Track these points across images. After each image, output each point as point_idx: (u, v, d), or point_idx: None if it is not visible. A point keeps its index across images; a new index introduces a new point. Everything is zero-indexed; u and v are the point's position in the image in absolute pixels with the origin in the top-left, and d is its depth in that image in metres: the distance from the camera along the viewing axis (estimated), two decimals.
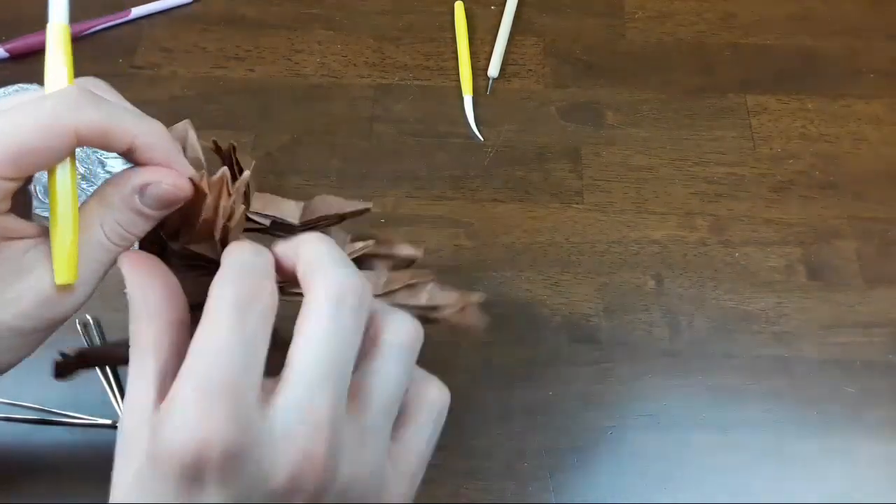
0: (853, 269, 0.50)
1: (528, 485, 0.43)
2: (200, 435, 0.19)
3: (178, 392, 0.20)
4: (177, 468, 0.20)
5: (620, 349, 0.47)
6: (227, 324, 0.21)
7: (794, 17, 0.63)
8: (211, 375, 0.20)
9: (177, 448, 0.19)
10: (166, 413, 0.20)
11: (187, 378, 0.20)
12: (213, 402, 0.20)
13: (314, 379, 0.21)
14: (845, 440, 0.44)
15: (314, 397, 0.21)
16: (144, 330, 0.22)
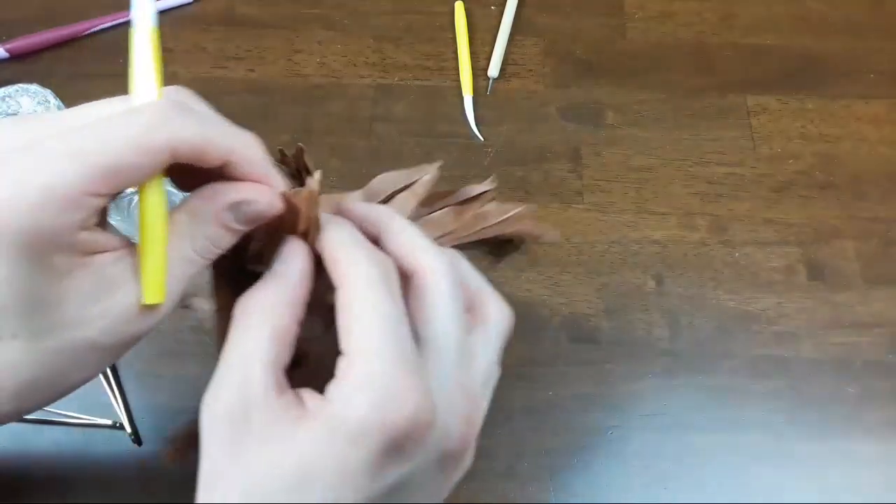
0: (853, 269, 0.50)
1: (528, 485, 0.43)
2: (409, 409, 0.20)
3: (373, 366, 0.21)
4: (383, 441, 0.20)
5: (620, 349, 0.47)
6: (387, 300, 0.22)
7: (794, 17, 0.63)
8: (399, 351, 0.21)
9: (389, 420, 0.20)
10: (363, 386, 0.20)
11: (377, 353, 0.21)
12: (411, 377, 0.21)
13: (454, 350, 0.23)
14: (845, 440, 0.44)
15: (458, 366, 0.23)
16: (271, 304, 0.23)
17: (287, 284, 0.23)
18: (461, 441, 0.23)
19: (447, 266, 0.24)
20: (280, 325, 0.22)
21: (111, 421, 0.44)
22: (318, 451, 0.20)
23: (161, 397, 0.45)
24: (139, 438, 0.44)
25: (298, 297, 0.23)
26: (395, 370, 0.21)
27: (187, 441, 0.29)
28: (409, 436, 0.21)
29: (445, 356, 0.23)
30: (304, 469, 0.20)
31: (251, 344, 0.22)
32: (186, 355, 0.47)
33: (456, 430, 0.23)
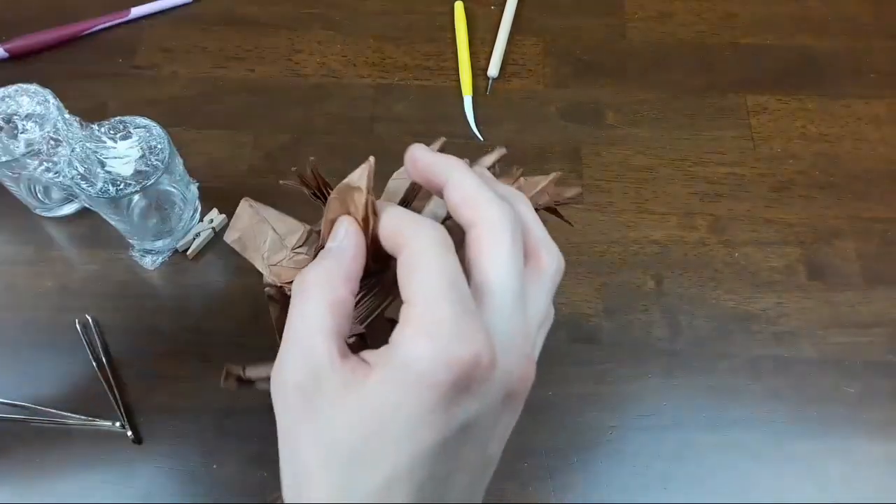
0: (853, 269, 0.50)
1: (528, 485, 0.43)
2: (474, 348, 0.21)
3: (437, 311, 0.22)
4: (452, 379, 0.21)
5: (620, 349, 0.47)
6: (448, 256, 0.23)
7: (794, 17, 0.63)
8: (461, 296, 0.22)
9: (455, 359, 0.21)
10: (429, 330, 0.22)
11: (440, 299, 0.22)
12: (470, 320, 0.22)
13: (511, 295, 0.24)
14: (845, 440, 0.44)
15: (516, 310, 0.24)
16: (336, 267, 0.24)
17: (342, 259, 0.25)
18: (522, 379, 0.24)
19: (507, 218, 0.25)
20: (336, 298, 0.24)
21: (111, 421, 0.44)
22: (391, 396, 0.22)
23: (161, 397, 0.45)
24: (139, 438, 0.44)
25: (353, 271, 0.25)
26: (456, 314, 0.22)
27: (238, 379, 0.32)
28: (474, 375, 0.22)
29: (502, 302, 0.24)
30: (379, 415, 0.22)
31: (311, 316, 0.24)
32: (186, 355, 0.47)
33: (517, 369, 0.24)
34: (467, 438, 0.23)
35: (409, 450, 0.22)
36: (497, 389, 0.23)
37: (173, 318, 0.48)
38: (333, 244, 0.25)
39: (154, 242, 0.49)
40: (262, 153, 0.55)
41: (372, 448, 0.22)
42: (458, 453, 0.23)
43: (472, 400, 0.22)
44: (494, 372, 0.22)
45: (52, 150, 0.46)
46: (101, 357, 0.46)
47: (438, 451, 0.22)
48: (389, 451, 0.22)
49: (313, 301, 0.24)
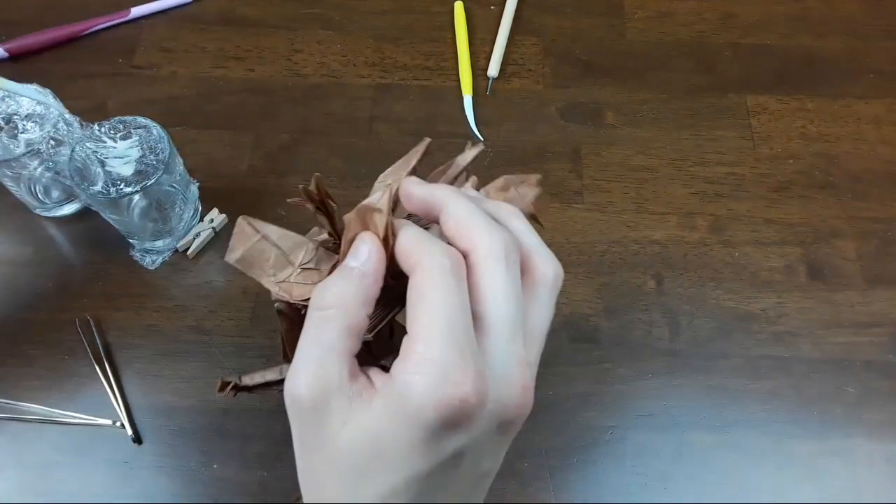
0: (853, 269, 0.50)
1: (528, 485, 0.43)
2: (461, 392, 0.23)
3: (432, 351, 0.23)
4: (439, 420, 0.23)
5: (620, 349, 0.47)
6: (455, 290, 0.24)
7: (794, 17, 0.63)
8: (457, 337, 0.23)
9: (442, 402, 0.23)
10: (422, 370, 0.23)
11: (438, 340, 0.23)
12: (466, 362, 0.23)
13: (508, 326, 0.25)
14: (845, 440, 0.44)
15: (513, 340, 0.25)
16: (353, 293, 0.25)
17: (363, 283, 0.26)
18: (518, 408, 0.25)
19: (500, 244, 0.26)
20: (354, 321, 0.25)
21: (111, 421, 0.44)
22: (386, 426, 0.23)
23: (161, 397, 0.45)
24: (139, 438, 0.44)
25: (372, 295, 0.26)
26: (451, 356, 0.23)
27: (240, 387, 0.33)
28: (463, 413, 0.23)
29: (499, 334, 0.25)
30: (377, 441, 0.24)
31: (329, 338, 0.25)
32: (186, 355, 0.47)
33: (512, 399, 0.25)
34: (459, 462, 0.25)
35: (404, 473, 0.24)
36: (489, 422, 0.24)
37: (173, 318, 0.48)
38: (356, 264, 0.26)
39: (154, 242, 0.49)
40: (262, 153, 0.55)
41: (371, 467, 0.24)
42: (450, 474, 0.25)
43: (463, 434, 0.24)
44: (484, 409, 0.24)
45: (52, 150, 0.46)
46: (101, 357, 0.46)
47: (431, 473, 0.24)
48: (386, 471, 0.24)
49: (332, 323, 0.25)
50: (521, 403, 0.25)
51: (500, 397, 0.24)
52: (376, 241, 0.26)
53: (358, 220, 0.26)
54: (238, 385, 0.34)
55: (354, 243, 0.26)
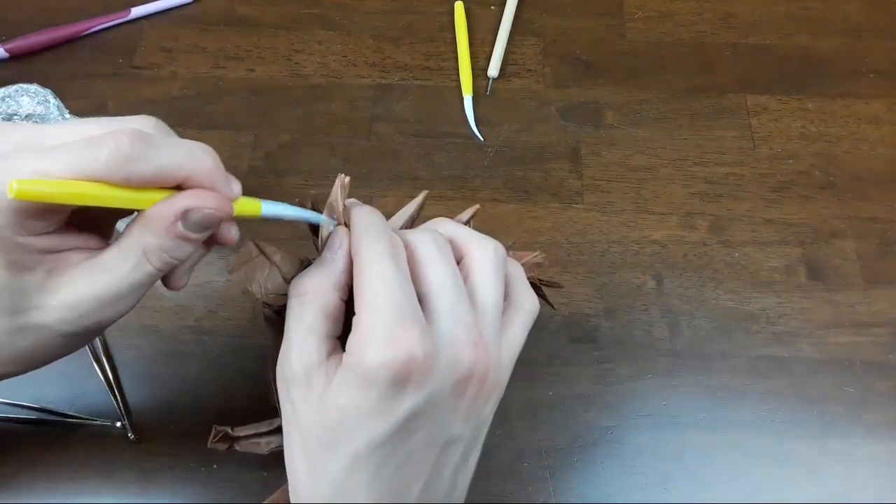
0: (853, 269, 0.50)
1: (528, 485, 0.43)
2: (406, 347, 0.25)
3: (375, 319, 0.25)
4: (389, 377, 0.25)
5: (620, 349, 0.47)
6: (390, 266, 0.26)
7: (794, 17, 0.63)
8: (397, 303, 0.26)
9: (389, 360, 0.25)
10: (368, 336, 0.25)
11: (379, 308, 0.25)
12: (407, 322, 0.25)
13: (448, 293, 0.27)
14: (845, 440, 0.44)
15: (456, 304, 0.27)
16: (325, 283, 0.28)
17: (334, 269, 0.28)
18: (471, 363, 0.27)
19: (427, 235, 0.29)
20: (328, 303, 0.27)
21: (111, 421, 0.44)
22: (345, 394, 0.25)
23: (161, 397, 0.45)
24: (139, 438, 0.44)
25: (345, 280, 0.28)
26: (393, 318, 0.25)
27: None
28: (412, 367, 0.25)
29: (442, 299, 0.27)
30: (340, 410, 0.26)
31: (307, 320, 0.27)
32: (186, 355, 0.47)
33: (463, 354, 0.27)
34: (419, 425, 0.26)
35: (364, 438, 0.25)
36: (443, 377, 0.26)
37: (173, 318, 0.48)
38: (328, 253, 0.28)
39: None
40: (262, 153, 0.55)
41: (335, 437, 0.26)
42: (411, 438, 0.26)
43: (415, 391, 0.25)
44: (434, 364, 0.26)
45: None
46: (101, 357, 0.46)
47: (390, 437, 0.26)
48: (348, 439, 0.26)
49: (308, 307, 0.27)
50: (473, 358, 0.27)
51: (450, 353, 0.26)
52: (346, 231, 0.29)
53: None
54: (230, 435, 0.35)
55: (329, 237, 0.29)
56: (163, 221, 0.24)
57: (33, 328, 0.25)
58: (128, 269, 0.25)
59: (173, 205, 0.24)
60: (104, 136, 0.23)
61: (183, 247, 0.25)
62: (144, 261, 0.25)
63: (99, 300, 0.25)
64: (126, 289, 0.25)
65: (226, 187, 0.26)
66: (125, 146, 0.23)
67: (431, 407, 0.26)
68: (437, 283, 0.28)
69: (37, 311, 0.25)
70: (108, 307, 0.25)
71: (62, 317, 0.25)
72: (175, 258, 0.25)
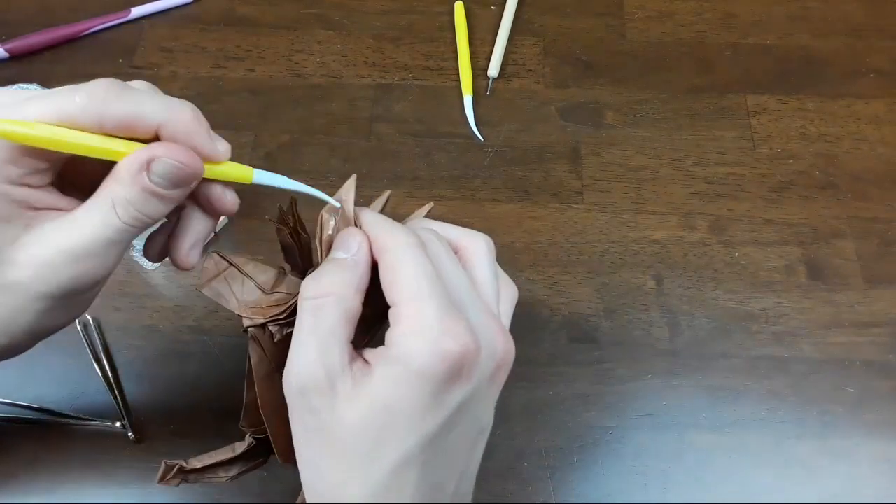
0: (853, 269, 0.50)
1: (528, 485, 0.43)
2: (461, 339, 0.24)
3: (423, 310, 0.25)
4: (447, 371, 0.24)
5: (620, 349, 0.47)
6: (426, 259, 0.26)
7: (794, 17, 0.63)
8: (441, 294, 0.25)
9: (447, 352, 0.24)
10: (419, 329, 0.24)
11: (424, 298, 0.25)
12: (454, 313, 0.25)
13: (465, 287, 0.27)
14: (845, 440, 0.44)
15: (474, 297, 0.27)
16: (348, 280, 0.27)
17: (356, 271, 0.27)
18: (505, 352, 0.27)
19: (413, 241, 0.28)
20: (350, 308, 0.26)
21: (111, 421, 0.44)
22: (395, 392, 0.24)
23: (161, 397, 0.45)
24: (139, 438, 0.44)
25: (365, 283, 0.27)
26: (441, 311, 0.25)
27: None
28: (465, 362, 0.25)
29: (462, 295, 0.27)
30: (387, 409, 0.24)
31: (327, 322, 0.25)
32: (186, 355, 0.47)
33: (499, 343, 0.27)
34: (463, 415, 0.26)
35: (416, 435, 0.24)
36: (486, 368, 0.26)
37: (173, 318, 0.48)
38: (347, 255, 0.27)
39: None
40: (262, 153, 0.55)
41: (383, 438, 0.24)
42: (456, 429, 0.26)
43: (466, 383, 0.25)
44: (481, 355, 0.25)
45: None
46: (101, 357, 0.46)
47: (440, 431, 0.25)
48: (399, 438, 0.24)
49: (329, 309, 0.26)
50: (506, 347, 0.27)
51: (488, 342, 0.26)
52: (362, 232, 0.28)
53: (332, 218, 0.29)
54: (184, 468, 0.33)
55: (341, 237, 0.28)
56: (129, 171, 0.24)
57: (6, 286, 0.24)
58: (97, 222, 0.25)
59: (139, 155, 0.25)
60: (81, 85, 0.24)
61: (151, 201, 0.25)
62: (112, 213, 0.25)
63: (70, 254, 0.24)
64: (98, 244, 0.25)
65: (208, 144, 0.26)
66: (100, 88, 0.24)
67: (474, 398, 0.26)
68: (452, 277, 0.27)
69: (9, 267, 0.24)
70: (80, 263, 0.25)
71: (34, 273, 0.24)
72: (145, 214, 0.25)
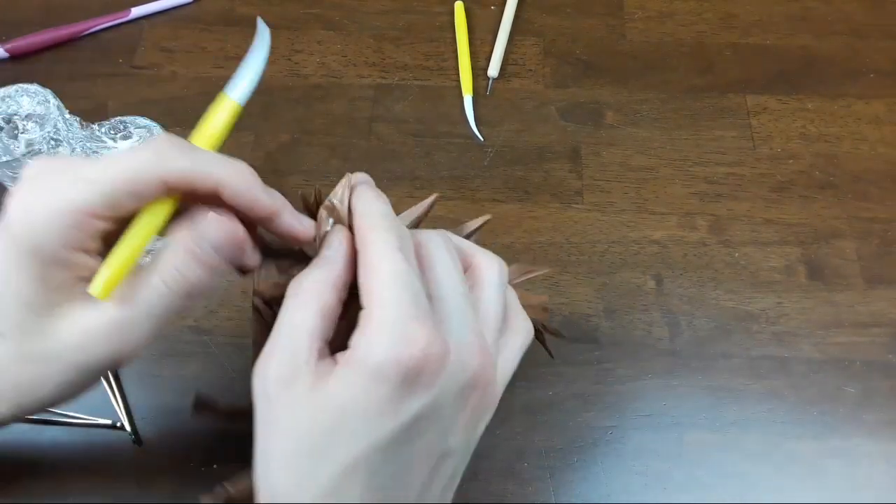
0: (853, 269, 0.50)
1: (528, 485, 0.43)
2: (421, 343, 0.24)
3: (387, 312, 0.24)
4: (402, 373, 0.23)
5: (620, 349, 0.47)
6: (402, 260, 0.25)
7: (794, 17, 0.63)
8: (410, 297, 0.24)
9: (404, 355, 0.23)
10: (379, 330, 0.24)
11: (392, 301, 0.24)
12: (421, 317, 0.24)
13: (459, 296, 0.27)
14: (845, 440, 0.44)
15: (465, 310, 0.27)
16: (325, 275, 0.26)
17: (334, 268, 0.27)
18: (479, 369, 0.26)
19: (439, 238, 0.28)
20: (326, 303, 0.26)
21: (111, 421, 0.44)
22: (348, 392, 0.24)
23: (161, 397, 0.45)
24: (139, 438, 0.44)
25: (344, 280, 0.27)
26: (406, 315, 0.24)
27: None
28: (424, 368, 0.24)
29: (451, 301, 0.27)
30: (340, 409, 0.24)
31: (301, 317, 0.25)
32: (186, 355, 0.47)
33: (473, 359, 0.26)
34: (422, 429, 0.25)
35: (365, 440, 0.24)
36: (451, 380, 0.25)
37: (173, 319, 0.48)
38: (328, 252, 0.27)
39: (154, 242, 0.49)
40: (262, 153, 0.55)
41: (332, 440, 0.24)
42: (413, 444, 0.25)
43: (424, 391, 0.24)
44: (446, 364, 0.24)
45: (52, 150, 0.46)
46: None
47: (393, 440, 0.24)
48: (347, 441, 0.24)
49: (305, 306, 0.26)
50: (481, 364, 0.26)
51: (460, 356, 0.25)
52: (345, 231, 0.28)
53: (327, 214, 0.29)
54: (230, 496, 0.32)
55: (327, 236, 0.28)
56: (183, 240, 0.25)
57: (41, 356, 0.24)
58: (147, 292, 0.25)
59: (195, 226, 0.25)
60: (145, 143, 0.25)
61: (195, 267, 0.26)
62: (159, 281, 0.25)
63: (119, 326, 0.25)
64: (145, 314, 0.25)
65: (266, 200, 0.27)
66: (164, 145, 0.25)
67: (436, 411, 0.25)
68: (448, 284, 0.27)
69: (49, 337, 0.24)
70: (125, 334, 0.25)
71: (77, 342, 0.24)
72: (190, 281, 0.25)
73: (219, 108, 0.28)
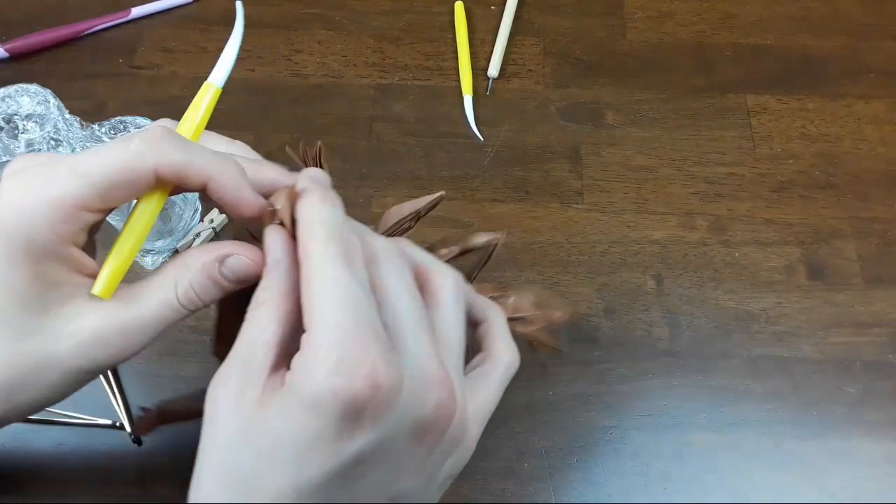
0: (853, 269, 0.50)
1: (528, 485, 0.43)
2: (365, 372, 0.20)
3: (328, 336, 0.21)
4: (339, 408, 0.20)
5: (620, 349, 0.47)
6: (346, 274, 0.22)
7: (794, 17, 0.63)
8: (356, 319, 0.21)
9: (342, 386, 0.20)
10: (317, 356, 0.21)
11: (333, 324, 0.21)
12: (368, 342, 0.21)
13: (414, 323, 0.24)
14: (845, 440, 0.44)
15: (422, 336, 0.24)
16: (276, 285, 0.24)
17: (279, 271, 0.24)
18: (437, 406, 0.23)
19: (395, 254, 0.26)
20: (283, 308, 0.24)
21: (111, 421, 0.44)
22: (282, 421, 0.21)
23: (161, 397, 0.45)
24: (139, 438, 0.44)
25: (291, 283, 0.24)
26: (350, 338, 0.21)
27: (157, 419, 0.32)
28: (369, 401, 0.21)
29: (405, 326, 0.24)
30: (273, 437, 0.21)
31: (256, 328, 0.23)
32: (186, 355, 0.47)
33: (430, 393, 0.23)
34: (366, 471, 0.22)
35: (295, 476, 0.21)
36: (400, 418, 0.22)
37: None
38: (269, 259, 0.25)
39: (154, 242, 0.49)
40: (262, 153, 0.54)
41: (261, 469, 0.21)
42: (353, 484, 0.22)
43: (368, 429, 0.21)
44: (396, 398, 0.21)
45: (52, 151, 0.46)
46: None
47: (327, 480, 0.21)
48: (276, 474, 0.21)
49: (261, 316, 0.24)
50: (440, 399, 0.23)
51: (415, 389, 0.22)
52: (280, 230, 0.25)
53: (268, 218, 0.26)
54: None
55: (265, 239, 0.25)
56: (203, 261, 0.25)
57: (37, 358, 0.23)
58: (156, 300, 0.25)
59: (218, 248, 0.25)
60: (137, 133, 0.24)
61: (212, 290, 0.26)
62: (173, 294, 0.25)
63: (122, 329, 0.24)
64: (149, 321, 0.25)
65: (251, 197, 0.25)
66: (156, 136, 0.24)
67: (383, 452, 0.22)
68: (401, 304, 0.24)
69: (45, 337, 0.23)
70: (127, 338, 0.25)
71: (77, 345, 0.24)
72: (201, 299, 0.26)
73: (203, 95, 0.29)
